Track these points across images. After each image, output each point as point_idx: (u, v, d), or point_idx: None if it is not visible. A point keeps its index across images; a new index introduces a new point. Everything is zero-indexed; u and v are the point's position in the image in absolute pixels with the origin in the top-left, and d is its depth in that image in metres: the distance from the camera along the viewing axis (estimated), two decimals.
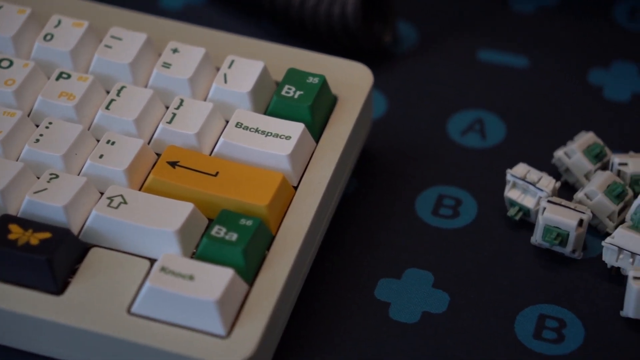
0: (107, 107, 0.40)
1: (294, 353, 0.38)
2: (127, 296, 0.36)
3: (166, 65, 0.41)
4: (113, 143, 0.39)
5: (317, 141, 0.40)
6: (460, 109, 0.45)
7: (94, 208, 0.38)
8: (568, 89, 0.45)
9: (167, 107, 0.41)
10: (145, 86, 0.41)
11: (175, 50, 0.42)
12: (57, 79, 0.41)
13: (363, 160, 0.43)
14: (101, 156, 0.39)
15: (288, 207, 0.39)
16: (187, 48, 0.42)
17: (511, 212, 0.41)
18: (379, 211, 0.42)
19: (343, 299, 0.39)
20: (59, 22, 0.42)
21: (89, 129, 0.40)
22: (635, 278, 0.38)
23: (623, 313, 0.39)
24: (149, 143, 0.40)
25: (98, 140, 0.40)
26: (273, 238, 0.38)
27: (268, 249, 0.38)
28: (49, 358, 0.37)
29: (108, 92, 0.41)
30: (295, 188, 0.39)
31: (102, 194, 0.39)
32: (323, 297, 0.39)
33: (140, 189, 0.39)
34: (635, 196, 0.41)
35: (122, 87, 0.41)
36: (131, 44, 0.41)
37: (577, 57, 0.46)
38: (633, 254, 0.39)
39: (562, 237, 0.39)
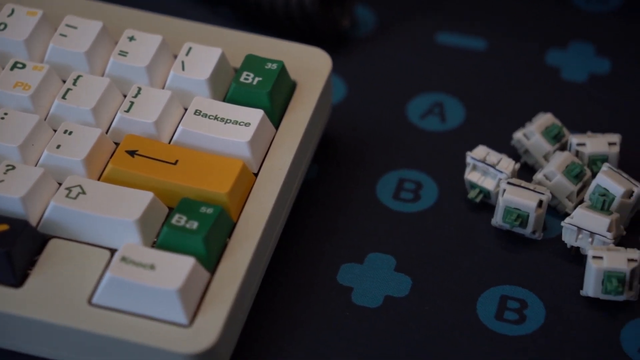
0: (63, 97, 0.40)
1: (257, 340, 0.38)
2: (87, 287, 0.36)
3: (123, 53, 0.41)
4: (70, 133, 0.39)
5: (276, 127, 0.40)
6: (420, 93, 0.45)
7: (52, 199, 0.37)
8: (526, 71, 0.46)
9: (125, 96, 0.41)
10: (102, 75, 0.41)
11: (131, 38, 0.41)
12: (12, 68, 0.40)
13: (323, 146, 0.43)
14: (58, 146, 0.38)
15: (249, 194, 0.39)
16: (144, 36, 0.41)
17: (471, 194, 0.41)
18: (340, 196, 0.42)
19: (305, 285, 0.39)
20: (13, 11, 0.42)
21: (45, 119, 0.40)
22: (595, 257, 0.38)
23: (583, 292, 0.39)
24: (107, 132, 0.40)
25: (55, 131, 0.40)
26: (234, 225, 0.38)
27: (229, 236, 0.38)
28: (10, 351, 0.37)
29: (64, 82, 0.41)
30: (256, 175, 0.39)
31: (60, 184, 0.38)
32: (285, 284, 0.39)
33: (99, 179, 0.39)
34: (593, 176, 0.41)
35: (79, 76, 0.40)
36: (87, 33, 0.41)
37: (535, 38, 0.46)
38: (592, 234, 0.39)
39: (522, 219, 0.40)
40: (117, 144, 0.40)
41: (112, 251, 0.37)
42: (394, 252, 0.40)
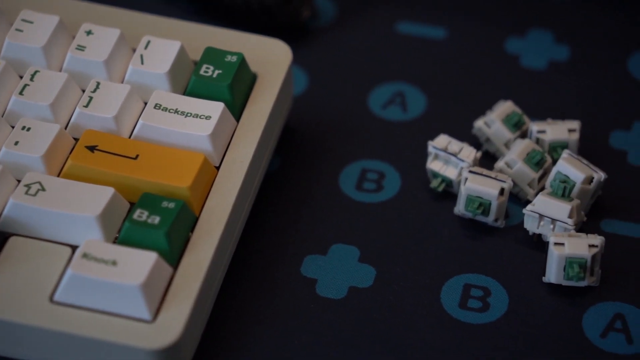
0: (20, 92, 0.39)
1: (221, 334, 0.38)
2: (49, 284, 0.36)
3: (80, 47, 0.40)
4: (28, 129, 0.38)
5: (237, 120, 0.40)
6: (381, 82, 0.45)
7: (11, 196, 0.37)
8: (486, 59, 0.46)
9: (84, 91, 0.40)
10: (60, 70, 0.41)
11: (89, 32, 0.41)
12: None
13: (285, 138, 0.43)
14: (16, 143, 0.38)
15: (210, 187, 0.38)
16: (102, 29, 0.41)
17: (434, 183, 0.41)
18: (303, 188, 0.42)
19: (269, 277, 0.39)
20: None
21: (2, 116, 0.39)
22: (556, 244, 0.39)
23: (545, 279, 0.39)
24: (65, 128, 0.39)
25: (13, 127, 0.39)
26: (196, 219, 0.38)
27: (192, 230, 0.38)
28: None
29: (21, 77, 0.40)
30: (217, 168, 0.39)
31: (19, 181, 0.38)
32: (249, 277, 0.39)
33: (58, 175, 0.38)
34: (554, 163, 0.42)
35: (36, 72, 0.40)
36: (43, 27, 0.41)
37: (494, 26, 0.47)
38: (553, 220, 0.39)
39: (484, 207, 0.40)
40: (76, 139, 0.39)
41: (74, 248, 0.37)
42: (358, 243, 0.40)
